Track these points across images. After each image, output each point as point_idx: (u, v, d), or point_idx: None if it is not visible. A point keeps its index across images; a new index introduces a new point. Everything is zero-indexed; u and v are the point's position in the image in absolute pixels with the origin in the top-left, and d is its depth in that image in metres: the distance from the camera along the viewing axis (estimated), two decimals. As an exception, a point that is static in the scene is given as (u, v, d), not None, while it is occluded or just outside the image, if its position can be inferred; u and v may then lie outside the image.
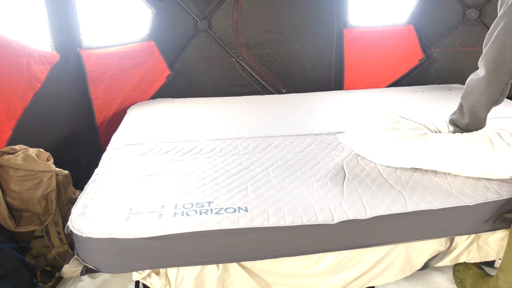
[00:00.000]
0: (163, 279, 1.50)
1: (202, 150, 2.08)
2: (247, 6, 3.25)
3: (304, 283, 1.58)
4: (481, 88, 1.62)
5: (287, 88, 3.51)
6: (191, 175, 1.79)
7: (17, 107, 2.12)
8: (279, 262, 1.53)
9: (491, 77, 1.57)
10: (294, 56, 3.43)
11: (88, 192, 1.68)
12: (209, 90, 3.39)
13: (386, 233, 1.55)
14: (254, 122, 2.53)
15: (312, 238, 1.48)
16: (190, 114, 2.70)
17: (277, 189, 1.67)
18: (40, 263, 1.87)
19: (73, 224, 1.46)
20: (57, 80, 2.43)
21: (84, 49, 2.63)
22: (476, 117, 1.73)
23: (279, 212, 1.51)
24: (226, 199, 1.59)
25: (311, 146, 2.13)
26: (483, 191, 1.63)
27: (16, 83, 2.09)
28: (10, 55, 2.03)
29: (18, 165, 1.79)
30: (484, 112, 1.71)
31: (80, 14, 2.58)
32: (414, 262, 1.68)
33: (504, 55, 1.52)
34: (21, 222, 1.82)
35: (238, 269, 1.52)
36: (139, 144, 2.16)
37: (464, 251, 1.71)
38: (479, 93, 1.63)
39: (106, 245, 1.40)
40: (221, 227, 1.43)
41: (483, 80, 1.60)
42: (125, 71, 2.88)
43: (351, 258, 1.58)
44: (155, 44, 3.04)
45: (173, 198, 1.60)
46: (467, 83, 1.71)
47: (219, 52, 3.33)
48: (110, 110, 2.88)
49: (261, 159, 1.97)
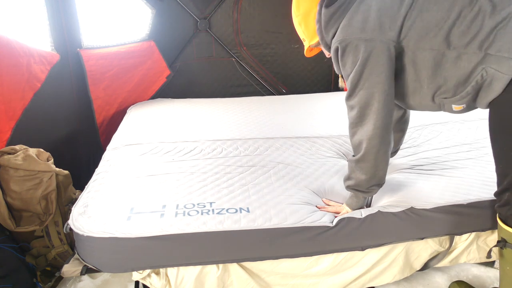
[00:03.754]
0: (163, 279, 1.50)
1: (202, 151, 2.08)
2: (247, 6, 3.25)
3: (304, 283, 1.58)
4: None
5: (287, 88, 3.51)
6: (192, 176, 1.80)
7: (17, 107, 2.12)
8: (279, 262, 1.53)
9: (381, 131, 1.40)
10: (294, 56, 3.43)
11: (88, 191, 1.68)
12: (209, 90, 3.39)
13: (385, 233, 1.55)
14: (254, 122, 2.53)
15: (313, 239, 1.48)
16: (190, 114, 2.70)
17: (279, 191, 1.68)
18: (40, 263, 1.87)
19: (74, 223, 1.46)
20: (57, 80, 2.43)
21: (84, 49, 2.63)
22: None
23: (281, 213, 1.51)
24: (227, 200, 1.60)
25: (311, 149, 2.14)
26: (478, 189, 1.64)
27: (16, 83, 2.09)
28: (10, 55, 2.03)
29: (18, 165, 1.79)
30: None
31: (80, 14, 2.58)
32: (414, 263, 1.68)
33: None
34: (21, 222, 1.82)
35: (238, 269, 1.52)
36: (139, 144, 2.16)
37: (464, 251, 1.71)
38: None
39: (107, 244, 1.40)
40: (223, 227, 1.43)
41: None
42: (125, 71, 2.88)
43: (351, 258, 1.58)
44: (155, 44, 3.04)
45: (174, 198, 1.60)
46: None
47: (219, 52, 3.34)
48: (110, 110, 2.88)
49: (262, 161, 1.97)
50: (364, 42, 1.33)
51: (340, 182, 1.80)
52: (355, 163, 1.49)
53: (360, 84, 1.37)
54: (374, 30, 1.33)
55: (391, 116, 1.42)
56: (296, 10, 1.55)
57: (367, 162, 1.44)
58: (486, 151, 2.06)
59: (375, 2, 1.37)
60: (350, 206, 1.58)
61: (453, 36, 1.28)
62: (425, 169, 1.87)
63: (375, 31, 1.33)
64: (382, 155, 1.43)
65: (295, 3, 1.54)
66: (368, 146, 1.41)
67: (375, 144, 1.41)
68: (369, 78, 1.35)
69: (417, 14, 1.32)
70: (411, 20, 1.32)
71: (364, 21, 1.35)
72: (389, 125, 1.42)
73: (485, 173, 1.80)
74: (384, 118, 1.38)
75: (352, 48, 1.36)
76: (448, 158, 1.98)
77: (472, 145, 2.13)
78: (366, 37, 1.33)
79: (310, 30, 1.54)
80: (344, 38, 1.37)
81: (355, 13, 1.38)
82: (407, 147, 2.15)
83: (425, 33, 1.31)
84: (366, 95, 1.37)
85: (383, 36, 1.32)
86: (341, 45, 1.38)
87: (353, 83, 1.39)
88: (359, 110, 1.40)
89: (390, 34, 1.33)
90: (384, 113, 1.38)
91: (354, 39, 1.35)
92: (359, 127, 1.43)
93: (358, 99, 1.39)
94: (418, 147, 2.15)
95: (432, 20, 1.30)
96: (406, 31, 1.32)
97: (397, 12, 1.33)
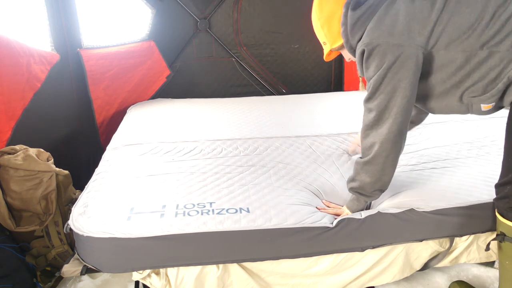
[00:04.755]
0: (163, 279, 1.50)
1: (202, 151, 2.08)
2: (247, 6, 3.25)
3: (304, 283, 1.58)
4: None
5: (287, 88, 3.51)
6: (192, 176, 1.80)
7: (17, 107, 2.12)
8: (279, 262, 1.53)
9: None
10: (294, 56, 3.43)
11: (88, 191, 1.68)
12: (209, 90, 3.39)
13: (385, 234, 1.55)
14: (254, 122, 2.53)
15: (313, 240, 1.48)
16: (190, 114, 2.70)
17: (279, 191, 1.68)
18: (40, 263, 1.87)
19: (74, 223, 1.47)
20: (57, 80, 2.43)
21: (84, 49, 2.63)
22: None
23: (281, 213, 1.51)
24: (227, 200, 1.60)
25: (311, 148, 2.14)
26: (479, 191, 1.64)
27: (16, 83, 2.09)
28: (10, 55, 2.03)
29: (18, 165, 1.79)
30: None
31: (80, 14, 2.58)
32: (414, 263, 1.68)
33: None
34: (21, 222, 1.82)
35: (238, 269, 1.52)
36: (139, 144, 2.16)
37: (464, 251, 1.71)
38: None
39: (107, 244, 1.40)
40: (223, 227, 1.43)
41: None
42: (125, 71, 2.88)
43: (351, 258, 1.58)
44: (155, 44, 3.04)
45: (174, 198, 1.60)
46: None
47: (219, 52, 3.34)
48: (110, 110, 2.88)
49: (262, 161, 1.97)
50: (391, 47, 1.31)
51: (340, 183, 1.80)
52: (362, 165, 1.47)
53: (381, 88, 1.35)
54: (403, 34, 1.30)
55: (407, 122, 1.40)
56: (318, 12, 1.50)
57: (375, 165, 1.43)
58: (487, 150, 2.06)
59: (404, 5, 1.34)
60: (350, 208, 1.58)
61: (486, 36, 1.26)
62: (427, 167, 1.87)
63: (403, 35, 1.30)
64: (391, 160, 1.43)
65: (317, 5, 1.50)
66: (380, 149, 1.40)
67: (386, 148, 1.39)
68: (391, 83, 1.33)
69: (448, 18, 1.29)
70: (443, 24, 1.29)
71: (393, 24, 1.32)
72: (404, 130, 1.41)
73: (486, 173, 1.80)
74: (401, 123, 1.37)
75: (379, 51, 1.33)
76: (448, 156, 1.98)
77: (473, 143, 2.13)
78: (394, 41, 1.30)
79: (333, 33, 1.50)
80: (371, 41, 1.34)
81: (383, 16, 1.35)
82: (408, 144, 2.15)
83: (457, 36, 1.28)
84: (386, 99, 1.36)
85: (412, 41, 1.30)
86: (368, 48, 1.35)
87: (375, 87, 1.37)
88: (377, 114, 1.39)
89: (419, 40, 1.30)
90: (402, 119, 1.37)
91: (382, 43, 1.32)
92: (373, 130, 1.41)
93: (377, 103, 1.38)
94: (419, 145, 2.15)
95: (464, 23, 1.27)
96: (437, 36, 1.30)
97: (428, 17, 1.30)
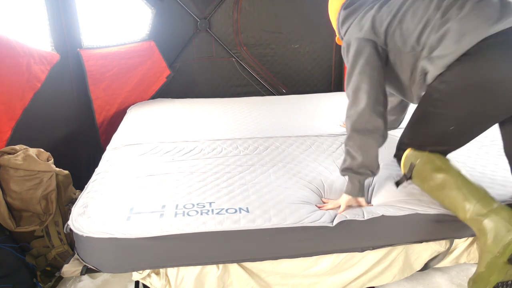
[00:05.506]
0: (163, 279, 1.50)
1: (202, 151, 2.08)
2: (247, 6, 3.25)
3: (304, 283, 1.58)
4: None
5: (287, 88, 3.51)
6: (192, 176, 1.80)
7: (17, 107, 2.12)
8: (279, 262, 1.53)
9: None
10: (294, 56, 3.43)
11: (88, 191, 1.68)
12: (209, 90, 3.39)
13: (385, 235, 1.55)
14: (254, 122, 2.53)
15: (313, 239, 1.48)
16: (190, 114, 2.70)
17: (278, 191, 1.67)
18: (40, 263, 1.87)
19: (73, 223, 1.47)
20: (57, 80, 2.43)
21: (84, 49, 2.63)
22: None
23: (280, 213, 1.51)
24: (227, 200, 1.60)
25: (311, 148, 2.14)
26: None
27: (16, 83, 2.09)
28: (10, 55, 2.03)
29: (18, 165, 1.79)
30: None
31: (80, 14, 2.58)
32: (414, 263, 1.68)
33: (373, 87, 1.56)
34: (21, 222, 1.82)
35: (238, 269, 1.52)
36: (139, 144, 2.16)
37: (464, 252, 1.71)
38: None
39: (107, 244, 1.40)
40: (223, 227, 1.43)
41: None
42: (125, 71, 2.88)
43: (351, 258, 1.58)
44: (155, 44, 3.04)
45: (174, 198, 1.60)
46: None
47: (219, 52, 3.34)
48: (110, 110, 2.88)
49: (261, 161, 1.97)
50: (358, 40, 1.58)
51: (339, 180, 1.80)
52: (345, 143, 1.60)
53: (352, 74, 1.57)
54: (367, 31, 1.58)
55: (381, 103, 1.53)
56: (329, 6, 1.86)
57: (355, 139, 1.54)
58: (487, 150, 2.06)
59: (376, 9, 1.61)
60: (347, 192, 1.60)
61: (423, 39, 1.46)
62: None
63: (367, 31, 1.58)
64: (370, 136, 1.52)
65: (329, 1, 1.85)
66: (357, 122, 1.53)
67: (362, 121, 1.52)
68: (357, 67, 1.55)
69: (397, 23, 1.53)
70: (393, 28, 1.54)
71: (363, 24, 1.60)
72: (379, 110, 1.52)
73: (486, 173, 1.80)
74: (374, 102, 1.51)
75: (351, 46, 1.61)
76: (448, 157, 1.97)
77: (473, 143, 2.12)
78: (360, 36, 1.59)
79: (335, 26, 1.85)
80: (348, 38, 1.64)
81: (361, 18, 1.63)
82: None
83: (404, 40, 1.51)
84: (357, 81, 1.54)
85: (374, 36, 1.57)
86: (346, 43, 1.64)
87: (348, 74, 1.60)
88: (352, 95, 1.56)
89: (378, 36, 1.57)
90: (374, 97, 1.52)
91: (353, 39, 1.61)
92: (352, 109, 1.55)
93: (351, 86, 1.57)
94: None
95: (408, 28, 1.50)
96: (390, 36, 1.55)
97: (385, 19, 1.56)
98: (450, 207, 1.45)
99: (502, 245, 1.28)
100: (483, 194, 1.39)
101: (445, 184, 1.43)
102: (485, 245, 1.33)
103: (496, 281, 1.32)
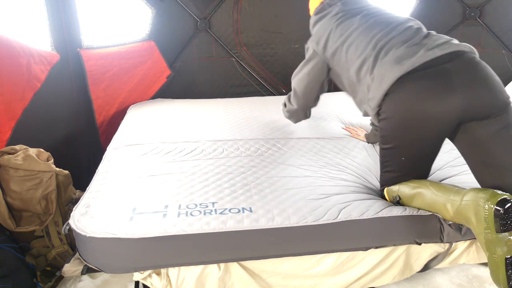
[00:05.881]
0: (164, 279, 1.50)
1: (203, 151, 2.07)
2: (247, 6, 3.25)
3: (305, 284, 1.58)
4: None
5: (287, 88, 3.50)
6: (194, 176, 1.79)
7: (17, 107, 2.11)
8: (281, 263, 1.53)
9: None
10: (294, 56, 3.42)
11: (90, 192, 1.68)
12: (209, 90, 3.39)
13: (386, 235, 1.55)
14: (255, 123, 2.53)
15: (316, 238, 1.49)
16: (190, 114, 2.70)
17: (281, 191, 1.68)
18: (40, 263, 1.87)
19: (76, 223, 1.46)
20: (57, 80, 2.42)
21: (84, 49, 2.62)
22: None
23: (283, 212, 1.52)
24: (229, 200, 1.60)
25: (313, 150, 2.13)
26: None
27: (16, 83, 2.09)
28: (10, 55, 2.03)
29: (18, 165, 1.79)
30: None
31: (80, 14, 2.57)
32: (414, 264, 1.68)
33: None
34: (21, 222, 1.82)
35: (239, 270, 1.52)
36: (140, 144, 2.16)
37: (464, 252, 1.72)
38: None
39: (109, 245, 1.40)
40: (226, 227, 1.43)
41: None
42: (125, 71, 2.87)
43: (352, 259, 1.58)
44: (155, 44, 3.04)
45: (176, 198, 1.60)
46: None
47: (219, 52, 3.33)
48: (110, 110, 2.87)
49: (263, 162, 1.97)
50: (312, 50, 1.91)
51: (340, 181, 1.79)
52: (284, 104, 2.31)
53: (299, 73, 2.02)
54: (321, 47, 1.86)
55: (310, 105, 2.15)
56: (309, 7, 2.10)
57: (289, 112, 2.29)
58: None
59: (335, 25, 1.80)
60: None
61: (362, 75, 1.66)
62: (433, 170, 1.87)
63: (321, 48, 1.86)
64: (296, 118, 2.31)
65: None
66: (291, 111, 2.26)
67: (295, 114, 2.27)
68: (301, 72, 2.00)
69: (346, 48, 1.73)
70: (339, 54, 1.77)
71: (320, 36, 1.86)
72: (306, 109, 2.20)
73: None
74: (304, 106, 2.15)
75: (307, 51, 1.97)
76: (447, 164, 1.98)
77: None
78: (315, 48, 1.89)
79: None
80: (309, 43, 1.95)
81: (321, 27, 1.87)
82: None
83: (347, 68, 1.73)
84: (295, 83, 2.07)
85: (323, 54, 1.86)
86: (307, 45, 1.98)
87: (297, 70, 2.06)
88: (293, 87, 2.10)
89: (326, 56, 1.85)
90: (303, 103, 2.13)
91: (310, 47, 1.92)
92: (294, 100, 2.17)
93: (294, 81, 2.08)
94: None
95: (352, 58, 1.70)
96: (336, 61, 1.80)
97: (335, 42, 1.78)
98: (439, 213, 1.52)
99: (483, 219, 1.32)
100: (454, 189, 1.47)
101: (424, 196, 1.53)
102: (475, 230, 1.38)
103: (502, 257, 1.32)
